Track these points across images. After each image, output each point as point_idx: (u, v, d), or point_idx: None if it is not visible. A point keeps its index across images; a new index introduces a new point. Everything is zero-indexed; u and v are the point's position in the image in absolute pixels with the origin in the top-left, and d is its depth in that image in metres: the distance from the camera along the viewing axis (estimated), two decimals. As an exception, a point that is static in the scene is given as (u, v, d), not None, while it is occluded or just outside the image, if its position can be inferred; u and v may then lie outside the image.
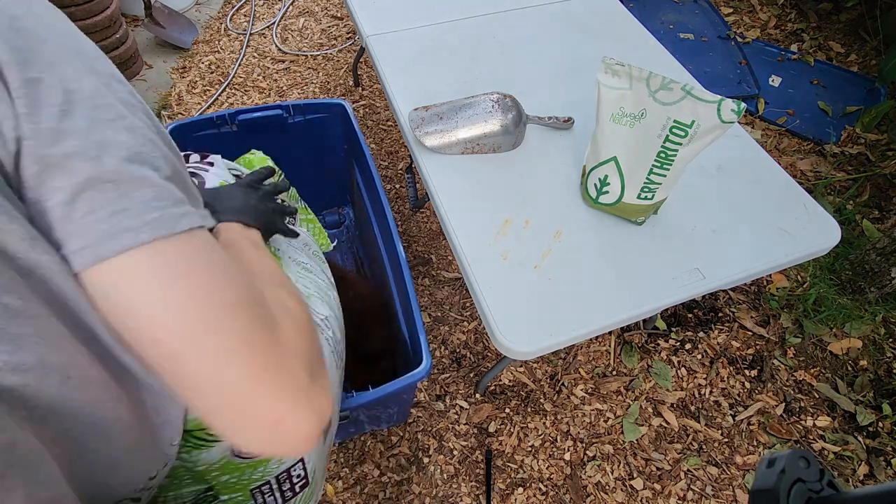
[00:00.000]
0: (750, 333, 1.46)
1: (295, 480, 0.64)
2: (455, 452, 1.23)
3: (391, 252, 1.06)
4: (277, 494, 0.63)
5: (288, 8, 2.26)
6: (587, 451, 1.25)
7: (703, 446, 1.27)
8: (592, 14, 1.37)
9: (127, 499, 0.43)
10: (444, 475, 1.20)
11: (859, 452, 1.28)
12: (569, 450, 1.24)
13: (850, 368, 1.42)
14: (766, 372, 1.39)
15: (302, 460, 0.64)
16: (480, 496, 1.18)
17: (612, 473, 1.22)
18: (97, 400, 0.35)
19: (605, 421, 1.29)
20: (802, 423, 1.32)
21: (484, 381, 1.28)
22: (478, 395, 1.31)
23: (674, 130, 0.81)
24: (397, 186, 1.70)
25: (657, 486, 1.21)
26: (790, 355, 1.43)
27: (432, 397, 1.30)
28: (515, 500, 1.17)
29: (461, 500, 1.17)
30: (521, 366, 1.36)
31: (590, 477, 1.21)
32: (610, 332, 1.44)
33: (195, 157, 0.76)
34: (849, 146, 1.86)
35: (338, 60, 2.06)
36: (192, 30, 2.09)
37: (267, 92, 1.93)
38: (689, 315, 1.48)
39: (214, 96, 1.89)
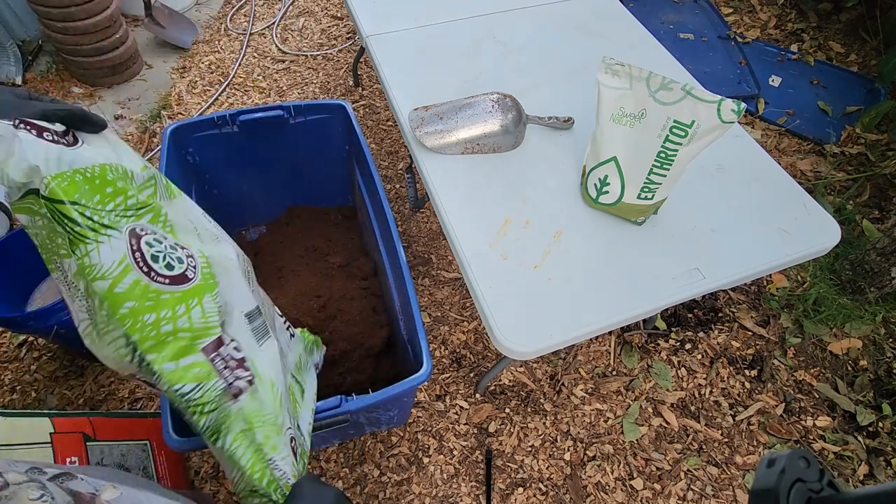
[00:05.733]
0: (750, 333, 1.46)
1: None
2: (455, 452, 1.23)
3: (391, 252, 1.06)
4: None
5: (288, 8, 2.26)
6: (587, 451, 1.25)
7: (703, 446, 1.27)
8: (592, 14, 1.37)
9: None
10: (444, 475, 1.20)
11: (859, 452, 1.28)
12: (569, 450, 1.24)
13: (850, 368, 1.42)
14: (766, 372, 1.39)
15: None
16: (480, 496, 1.18)
17: (612, 473, 1.22)
18: None
19: (605, 421, 1.29)
20: (802, 423, 1.32)
21: (484, 381, 1.28)
22: (478, 395, 1.31)
23: (674, 130, 0.81)
24: (397, 186, 1.70)
25: (657, 486, 1.21)
26: (790, 355, 1.43)
27: (432, 397, 1.30)
28: (515, 500, 1.17)
29: (461, 500, 1.17)
30: (521, 366, 1.36)
31: (590, 477, 1.21)
32: (610, 332, 1.44)
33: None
34: (849, 146, 1.86)
35: (338, 60, 2.06)
36: (192, 30, 2.09)
37: (267, 92, 1.93)
38: (689, 315, 1.48)
39: (214, 96, 1.89)
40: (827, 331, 1.46)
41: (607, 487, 1.20)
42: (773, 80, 2.06)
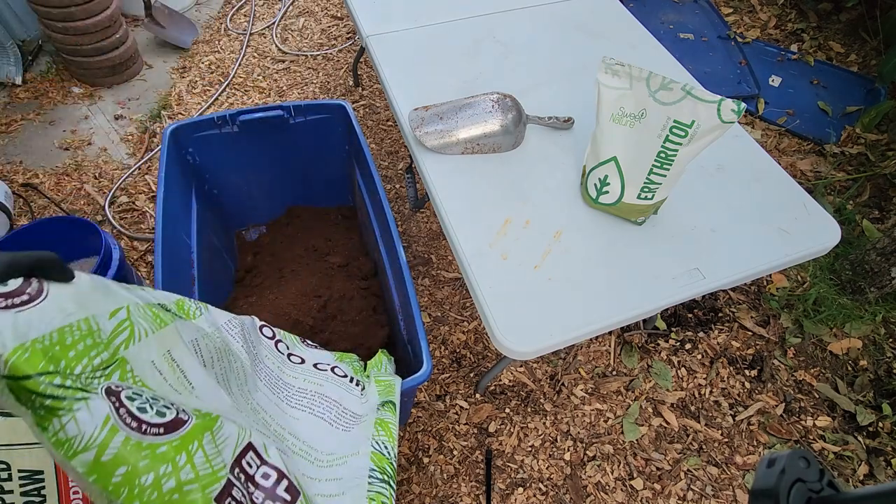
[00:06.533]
0: (750, 333, 1.46)
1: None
2: (455, 452, 1.23)
3: (391, 252, 1.06)
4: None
5: (288, 8, 2.26)
6: (587, 451, 1.25)
7: (703, 446, 1.27)
8: (592, 14, 1.37)
9: None
10: (444, 475, 1.20)
11: (859, 452, 1.28)
12: (569, 450, 1.24)
13: (850, 368, 1.42)
14: (766, 372, 1.39)
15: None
16: (480, 496, 1.18)
17: (612, 473, 1.22)
18: None
19: (605, 421, 1.29)
20: (802, 423, 1.32)
21: (484, 381, 1.28)
22: (478, 395, 1.31)
23: (674, 130, 0.81)
24: (397, 186, 1.70)
25: (657, 486, 1.21)
26: (790, 355, 1.43)
27: (432, 397, 1.30)
28: (515, 500, 1.17)
29: (461, 500, 1.17)
30: (521, 366, 1.36)
31: (590, 477, 1.21)
32: (610, 332, 1.44)
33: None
34: (849, 146, 1.86)
35: (338, 60, 2.06)
36: (192, 30, 2.09)
37: (267, 92, 1.93)
38: (689, 315, 1.48)
39: (214, 96, 1.89)
40: (827, 331, 1.46)
41: (607, 487, 1.20)
42: (773, 80, 2.06)
